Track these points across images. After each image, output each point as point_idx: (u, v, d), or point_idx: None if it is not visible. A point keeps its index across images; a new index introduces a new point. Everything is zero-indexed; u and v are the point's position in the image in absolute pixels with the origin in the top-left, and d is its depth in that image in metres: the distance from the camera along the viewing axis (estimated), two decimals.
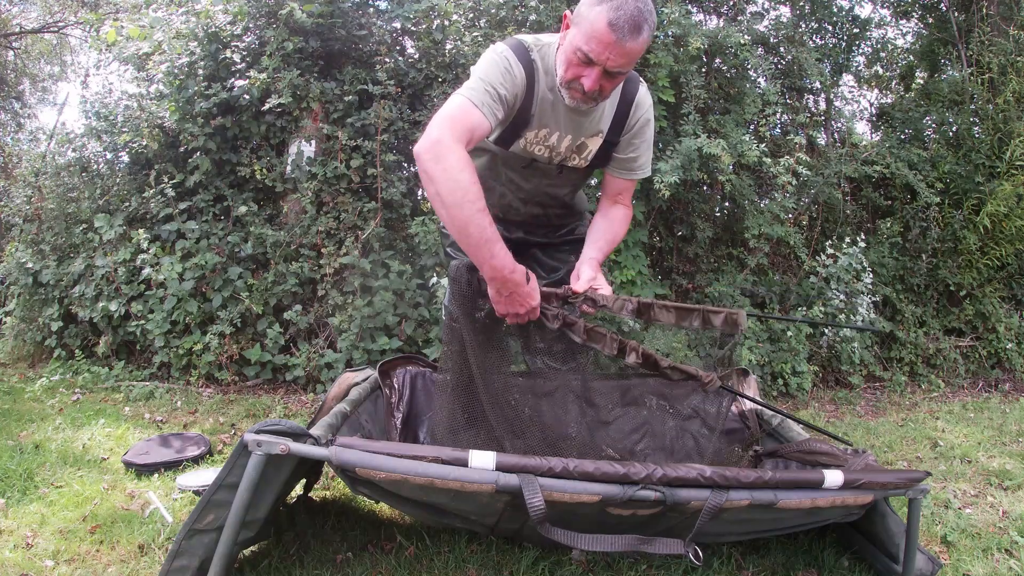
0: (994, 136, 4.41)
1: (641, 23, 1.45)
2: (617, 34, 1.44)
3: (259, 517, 1.39)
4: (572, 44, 1.52)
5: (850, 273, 3.81)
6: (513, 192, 1.91)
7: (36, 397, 3.14)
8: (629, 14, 1.43)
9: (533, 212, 2.00)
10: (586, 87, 1.53)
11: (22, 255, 3.85)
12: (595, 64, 1.49)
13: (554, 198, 1.95)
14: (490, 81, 1.57)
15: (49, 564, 1.56)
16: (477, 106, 1.53)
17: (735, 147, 3.29)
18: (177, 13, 3.73)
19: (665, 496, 1.25)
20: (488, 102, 1.55)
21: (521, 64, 1.62)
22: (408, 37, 4.00)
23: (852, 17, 4.68)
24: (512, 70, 1.61)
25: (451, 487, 1.23)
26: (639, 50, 1.50)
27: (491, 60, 1.62)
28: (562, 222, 2.07)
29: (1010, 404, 3.78)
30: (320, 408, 1.80)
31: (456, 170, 1.42)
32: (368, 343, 3.26)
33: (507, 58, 1.61)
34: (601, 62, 1.49)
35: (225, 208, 3.64)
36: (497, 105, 1.57)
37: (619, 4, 1.43)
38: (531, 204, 1.96)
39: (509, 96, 1.61)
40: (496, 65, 1.60)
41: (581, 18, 1.50)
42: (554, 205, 1.98)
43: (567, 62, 1.55)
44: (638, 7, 1.45)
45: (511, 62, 1.61)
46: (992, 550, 1.80)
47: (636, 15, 1.44)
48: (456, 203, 1.42)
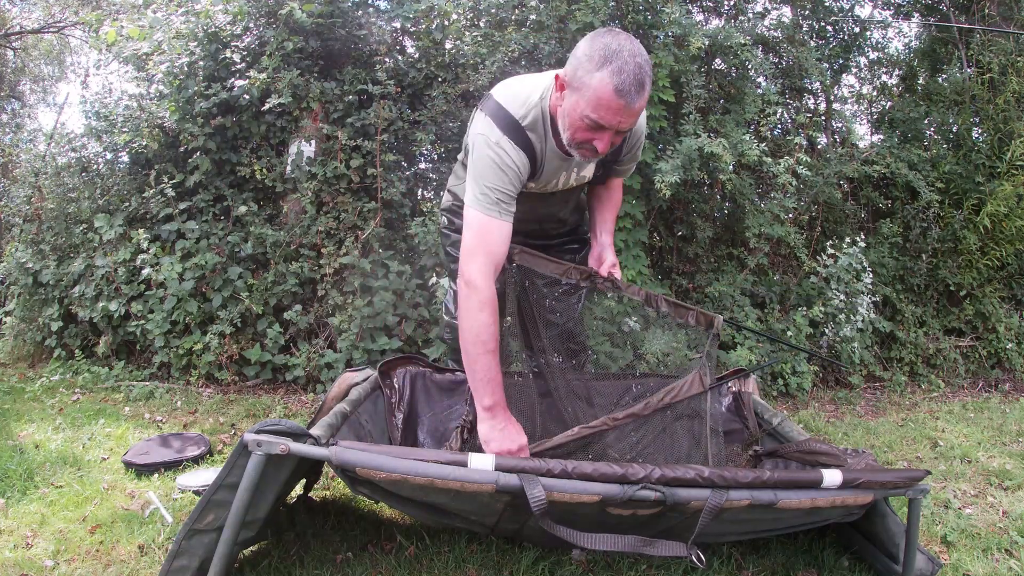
0: (994, 136, 4.41)
1: (644, 79, 1.43)
2: (625, 99, 1.42)
3: (259, 517, 1.39)
4: (577, 111, 1.48)
5: (850, 273, 3.81)
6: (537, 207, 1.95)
7: (36, 397, 3.14)
8: (632, 75, 1.41)
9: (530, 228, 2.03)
10: (600, 150, 1.52)
11: (22, 255, 3.86)
12: (606, 129, 1.48)
13: (550, 216, 1.98)
14: (497, 185, 1.60)
15: (49, 564, 1.56)
16: (494, 217, 1.60)
17: (735, 147, 3.29)
18: (177, 13, 3.72)
19: (665, 496, 1.25)
20: (501, 208, 1.61)
21: (522, 151, 1.62)
22: (408, 37, 4.00)
23: (853, 17, 4.68)
24: (516, 167, 1.61)
25: (451, 487, 1.23)
26: (643, 107, 1.49)
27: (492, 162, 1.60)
28: (559, 232, 2.09)
29: (1010, 404, 3.78)
30: (320, 408, 1.80)
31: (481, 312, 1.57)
32: (368, 343, 3.26)
33: (509, 155, 1.60)
34: (611, 126, 1.47)
35: (225, 208, 3.64)
36: (508, 203, 1.63)
37: (619, 67, 1.40)
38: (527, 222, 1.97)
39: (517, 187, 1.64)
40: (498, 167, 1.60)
41: (581, 84, 1.46)
42: (551, 221, 2.01)
43: (574, 127, 1.52)
44: (637, 63, 1.42)
45: (512, 157, 1.60)
46: (992, 550, 1.80)
47: (638, 73, 1.41)
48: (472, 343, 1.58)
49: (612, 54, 1.41)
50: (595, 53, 1.42)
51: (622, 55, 1.40)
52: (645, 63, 1.43)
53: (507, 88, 1.66)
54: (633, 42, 1.45)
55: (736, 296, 3.68)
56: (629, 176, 2.97)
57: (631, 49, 1.42)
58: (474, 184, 1.63)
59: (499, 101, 1.63)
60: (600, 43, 1.44)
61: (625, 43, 1.43)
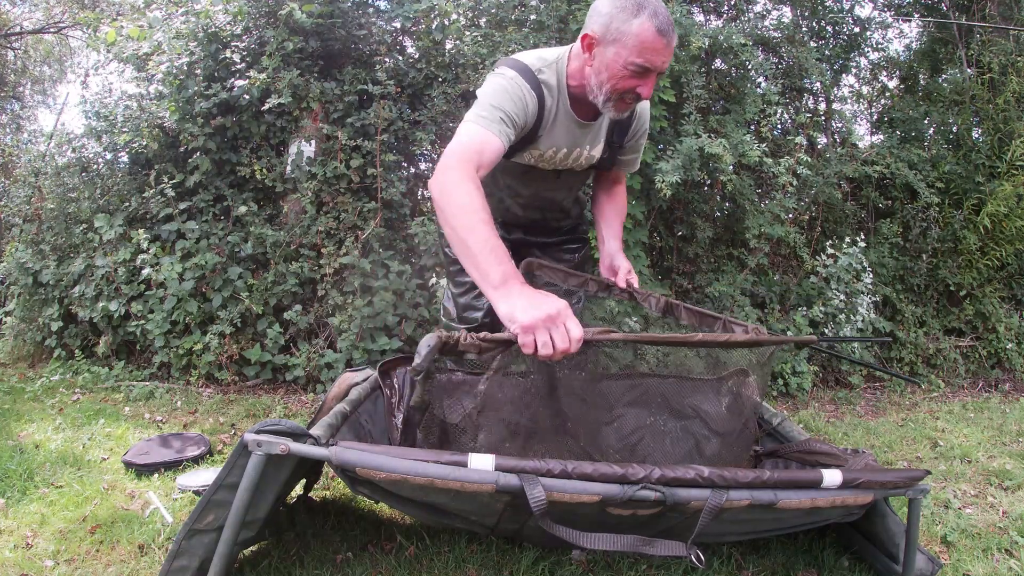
0: (994, 136, 4.41)
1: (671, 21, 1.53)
2: (666, 38, 1.50)
3: (259, 517, 1.39)
4: (620, 60, 1.52)
5: (850, 273, 3.81)
6: (512, 198, 1.94)
7: (36, 397, 3.14)
8: (665, 16, 1.51)
9: (532, 217, 2.03)
10: (644, 95, 1.57)
11: (22, 255, 3.85)
12: (651, 72, 1.54)
13: (553, 203, 1.98)
14: (500, 105, 1.55)
15: (49, 564, 1.56)
16: (487, 129, 1.51)
17: (736, 147, 3.29)
18: (177, 13, 3.72)
19: (665, 496, 1.25)
20: (499, 124, 1.53)
21: (532, 89, 1.61)
22: (408, 37, 4.00)
23: (853, 18, 4.67)
24: (524, 97, 1.60)
25: (451, 487, 1.23)
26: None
27: (500, 85, 1.59)
28: (560, 224, 2.09)
29: (1010, 404, 3.78)
30: (320, 408, 1.80)
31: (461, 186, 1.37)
32: (368, 343, 3.26)
33: (518, 84, 1.59)
34: (657, 68, 1.54)
35: (225, 208, 3.64)
36: (508, 127, 1.55)
37: (654, 10, 1.49)
38: (530, 209, 1.98)
39: (520, 120, 1.59)
40: (506, 90, 1.58)
41: (620, 34, 1.51)
42: (553, 209, 2.01)
43: (615, 77, 1.54)
44: (663, 6, 1.52)
45: (523, 89, 1.60)
46: (992, 550, 1.80)
47: (667, 15, 1.52)
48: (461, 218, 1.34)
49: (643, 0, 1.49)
50: (627, 3, 1.49)
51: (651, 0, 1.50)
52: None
53: (521, 53, 1.71)
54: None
55: (736, 296, 3.68)
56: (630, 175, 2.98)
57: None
58: (476, 105, 1.56)
59: (513, 56, 1.68)
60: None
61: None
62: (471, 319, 2.15)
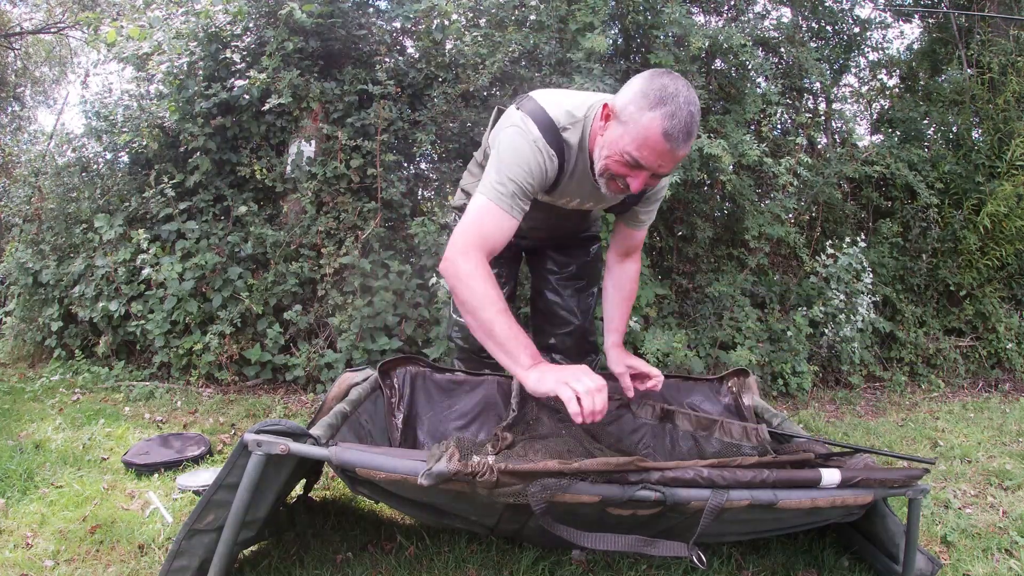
0: (994, 136, 4.41)
1: (693, 128, 1.40)
2: (672, 144, 1.39)
3: (259, 517, 1.39)
4: (619, 145, 1.45)
5: (850, 273, 3.81)
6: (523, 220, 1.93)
7: (36, 397, 3.14)
8: (684, 122, 1.38)
9: (538, 236, 2.04)
10: (632, 189, 1.49)
11: (22, 255, 3.85)
12: (644, 169, 1.45)
13: (562, 227, 1.98)
14: (516, 177, 1.53)
15: (49, 564, 1.56)
16: (501, 208, 1.53)
17: (736, 147, 3.29)
18: (177, 13, 3.72)
19: (665, 496, 1.25)
20: (514, 202, 1.54)
21: (554, 151, 1.57)
22: (408, 37, 4.00)
23: (853, 18, 4.68)
24: (543, 164, 1.56)
25: (452, 487, 1.23)
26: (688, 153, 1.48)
27: (521, 151, 1.55)
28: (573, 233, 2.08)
29: (1010, 404, 3.78)
30: (320, 408, 1.80)
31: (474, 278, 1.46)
32: (368, 343, 3.26)
33: (539, 149, 1.55)
34: (651, 167, 1.44)
35: (225, 208, 3.64)
36: (523, 200, 1.56)
37: (674, 111, 1.37)
38: (538, 230, 1.98)
39: (536, 187, 1.58)
40: (525, 159, 1.54)
41: (630, 119, 1.43)
42: (560, 229, 2.01)
43: (611, 159, 1.48)
44: (691, 112, 1.39)
45: (543, 155, 1.55)
46: (992, 550, 1.80)
47: (689, 121, 1.39)
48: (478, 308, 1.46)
49: (668, 97, 1.38)
50: (652, 92, 1.40)
51: (678, 100, 1.38)
52: (697, 113, 1.41)
53: (551, 95, 1.63)
54: (690, 90, 1.42)
55: (736, 296, 3.68)
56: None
57: (687, 96, 1.39)
58: (494, 172, 1.56)
59: (541, 103, 1.60)
60: (659, 83, 1.41)
61: (683, 89, 1.41)
62: None
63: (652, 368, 1.85)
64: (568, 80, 3.34)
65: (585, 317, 2.17)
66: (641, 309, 3.48)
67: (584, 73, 3.19)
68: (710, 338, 3.60)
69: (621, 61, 3.88)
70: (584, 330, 2.17)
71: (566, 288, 2.13)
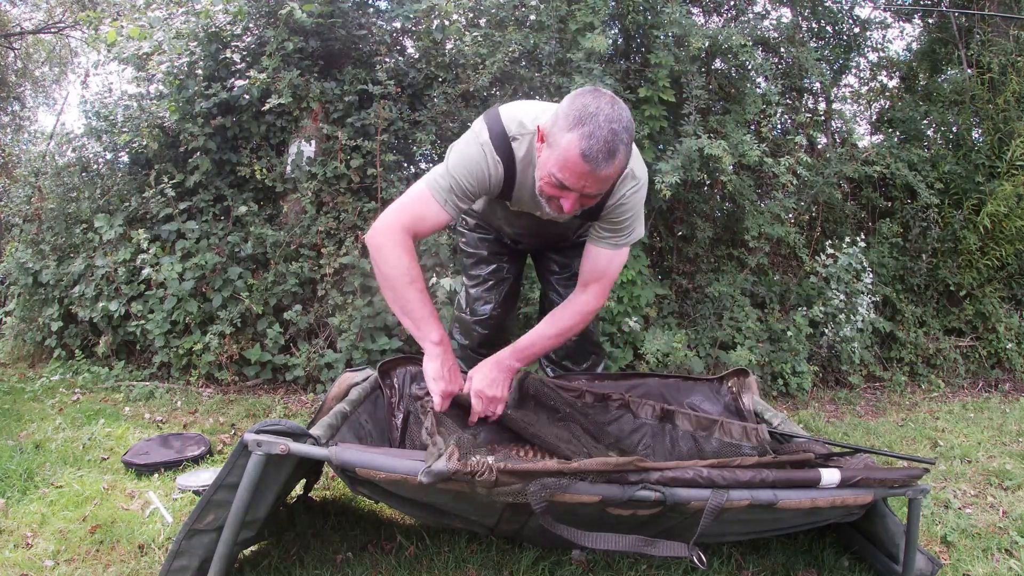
0: (994, 136, 4.41)
1: (616, 146, 1.37)
2: (591, 164, 1.37)
3: (259, 517, 1.39)
4: (547, 167, 1.45)
5: (850, 273, 3.81)
6: (510, 227, 1.96)
7: (36, 397, 3.14)
8: (602, 141, 1.35)
9: (532, 242, 2.06)
10: (565, 209, 1.48)
11: (22, 255, 3.85)
12: (571, 190, 1.44)
13: (550, 232, 1.97)
14: (458, 176, 1.59)
15: (49, 564, 1.56)
16: (436, 199, 1.59)
17: (736, 147, 3.29)
18: (177, 13, 3.72)
19: (665, 496, 1.25)
20: (449, 196, 1.60)
21: (500, 160, 1.59)
22: (408, 37, 4.00)
23: (853, 18, 4.68)
24: (486, 171, 1.59)
25: (452, 487, 1.23)
26: (617, 171, 1.43)
27: (468, 154, 1.59)
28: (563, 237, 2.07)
29: (1010, 404, 3.78)
30: (320, 408, 1.80)
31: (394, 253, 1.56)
32: (368, 343, 3.26)
33: (484, 155, 1.58)
34: (577, 189, 1.43)
35: (225, 208, 3.64)
36: (459, 199, 1.61)
37: (591, 131, 1.35)
38: (528, 237, 2.01)
39: (475, 191, 1.62)
40: (470, 162, 1.59)
41: (554, 140, 1.42)
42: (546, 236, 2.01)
43: (543, 180, 1.48)
44: (612, 129, 1.36)
45: (487, 160, 1.58)
46: (992, 550, 1.80)
47: (610, 140, 1.36)
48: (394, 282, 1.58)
49: (588, 117, 1.36)
50: (572, 112, 1.39)
51: (597, 119, 1.36)
52: (623, 130, 1.38)
53: (514, 107, 1.65)
54: (615, 105, 1.40)
55: (736, 296, 3.68)
56: None
57: (608, 114, 1.37)
58: (440, 167, 1.63)
59: (500, 113, 1.62)
60: (580, 103, 1.40)
61: (604, 106, 1.38)
62: (480, 312, 2.19)
63: (476, 406, 1.75)
64: (568, 80, 3.34)
65: None
66: (641, 309, 3.48)
67: (584, 73, 3.19)
68: (710, 338, 3.60)
69: (621, 61, 3.88)
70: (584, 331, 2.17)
71: (567, 289, 2.13)
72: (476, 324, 2.20)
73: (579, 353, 2.22)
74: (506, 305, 2.19)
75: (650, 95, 3.33)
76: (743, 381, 2.12)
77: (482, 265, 2.17)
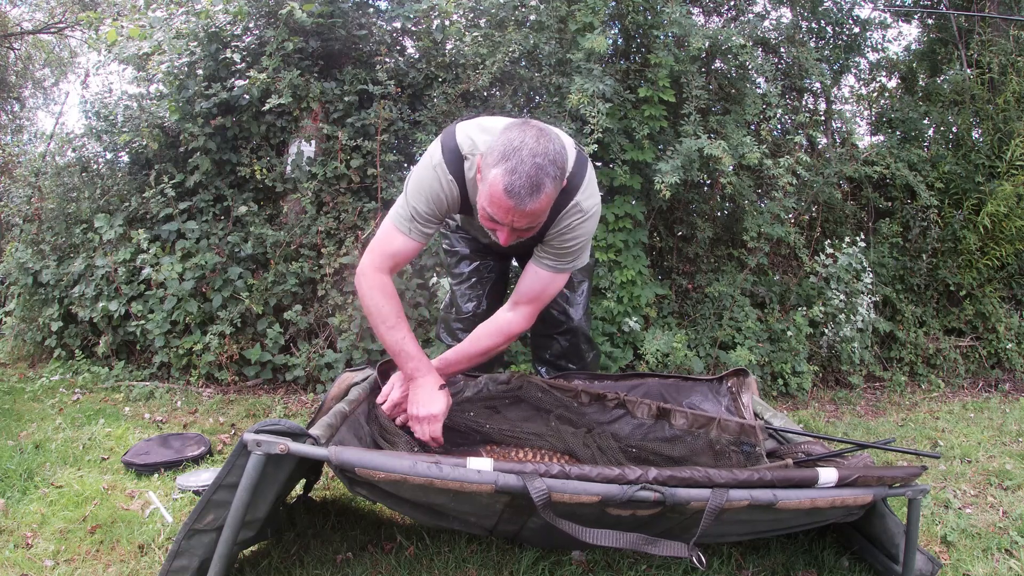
0: (994, 136, 4.41)
1: (540, 180, 1.37)
2: (514, 200, 1.38)
3: (259, 517, 1.39)
4: (480, 200, 1.48)
5: (850, 273, 3.81)
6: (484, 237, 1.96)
7: (36, 397, 3.14)
8: (524, 176, 1.36)
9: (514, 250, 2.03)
10: (501, 242, 1.50)
11: (22, 255, 3.85)
12: (501, 224, 1.45)
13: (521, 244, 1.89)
14: (415, 203, 1.65)
15: (49, 564, 1.56)
16: (402, 231, 1.67)
17: (736, 148, 3.29)
18: (177, 13, 3.72)
19: (664, 496, 1.25)
20: (412, 225, 1.66)
21: (454, 179, 1.62)
22: (408, 37, 4.00)
23: (853, 18, 4.67)
24: (440, 192, 1.63)
25: (451, 487, 1.23)
26: (542, 208, 1.43)
27: (421, 177, 1.64)
28: None
29: (1010, 404, 3.78)
30: (320, 408, 1.80)
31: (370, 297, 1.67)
32: (368, 343, 3.26)
33: (438, 175, 1.61)
34: (506, 224, 1.44)
35: (225, 208, 3.64)
36: (423, 223, 1.67)
37: (514, 166, 1.36)
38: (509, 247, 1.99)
39: (436, 211, 1.66)
40: (423, 185, 1.63)
41: (484, 175, 1.44)
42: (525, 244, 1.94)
43: (479, 213, 1.51)
44: (535, 164, 1.36)
45: (442, 180, 1.62)
46: (992, 550, 1.80)
47: (532, 175, 1.36)
48: (374, 323, 1.70)
49: (511, 152, 1.37)
50: (498, 147, 1.40)
51: (520, 154, 1.37)
52: (548, 163, 1.38)
53: (470, 125, 1.65)
54: (542, 139, 1.40)
55: (736, 296, 3.68)
56: (629, 175, 2.96)
57: (533, 148, 1.37)
58: (401, 196, 1.71)
59: (456, 131, 1.63)
60: (505, 137, 1.41)
61: (529, 140, 1.38)
62: (463, 310, 2.20)
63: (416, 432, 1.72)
64: (568, 80, 3.34)
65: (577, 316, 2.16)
66: (641, 309, 3.48)
67: (584, 73, 3.19)
68: (710, 338, 3.60)
69: (621, 61, 3.88)
70: (574, 330, 2.16)
71: None
72: (458, 322, 2.21)
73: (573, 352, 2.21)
74: (491, 303, 2.18)
75: (650, 95, 3.33)
76: (743, 381, 2.12)
77: (464, 263, 2.18)
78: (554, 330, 2.17)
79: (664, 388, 2.16)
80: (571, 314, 2.15)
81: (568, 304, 2.14)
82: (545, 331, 2.19)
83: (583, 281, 2.17)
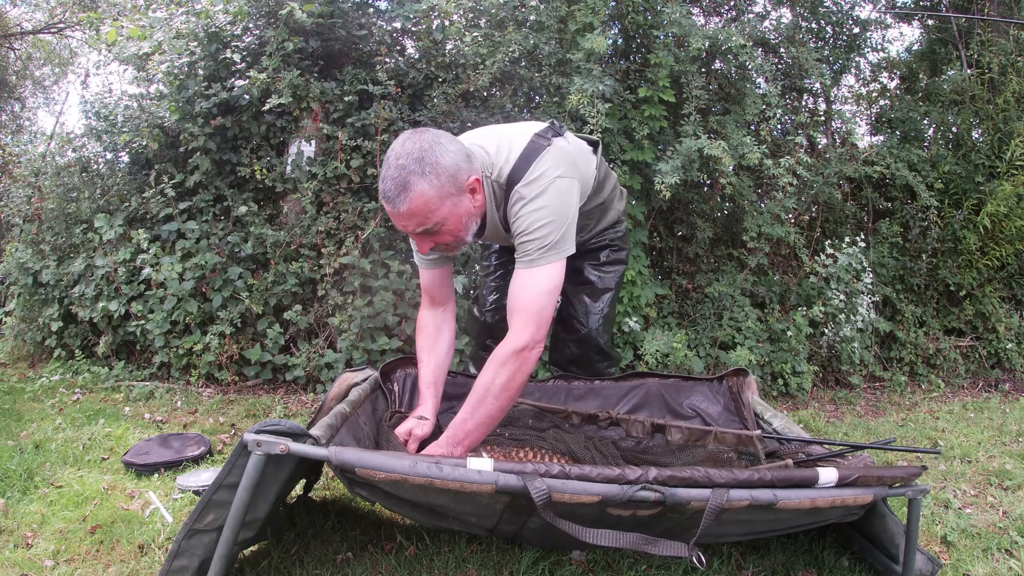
0: (994, 136, 4.41)
1: (405, 179, 1.41)
2: (390, 204, 1.44)
3: (259, 517, 1.39)
4: None
5: (850, 273, 3.81)
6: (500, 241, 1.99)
7: (36, 397, 3.14)
8: (390, 180, 1.41)
9: None
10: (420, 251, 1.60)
11: (22, 255, 3.85)
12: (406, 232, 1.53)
13: None
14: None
15: (49, 564, 1.56)
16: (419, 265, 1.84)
17: (736, 148, 3.29)
18: (177, 13, 3.72)
19: (664, 496, 1.25)
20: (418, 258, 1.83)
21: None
22: (408, 37, 4.00)
23: (853, 18, 4.67)
24: None
25: (451, 487, 1.23)
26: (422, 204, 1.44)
27: None
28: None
29: (1010, 404, 3.78)
30: (320, 408, 1.80)
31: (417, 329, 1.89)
32: (368, 343, 3.26)
33: None
34: (403, 230, 1.51)
35: (225, 208, 3.64)
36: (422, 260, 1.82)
37: (384, 174, 1.43)
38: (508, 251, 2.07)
39: None
40: None
41: None
42: None
43: None
44: (399, 165, 1.40)
45: None
46: (992, 550, 1.80)
47: (397, 176, 1.40)
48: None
49: (385, 160, 1.44)
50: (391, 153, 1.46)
51: (388, 161, 1.43)
52: (413, 162, 1.41)
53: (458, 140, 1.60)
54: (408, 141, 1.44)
55: (736, 296, 3.68)
56: (628, 175, 2.96)
57: (397, 151, 1.42)
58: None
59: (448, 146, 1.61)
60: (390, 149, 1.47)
61: (396, 146, 1.44)
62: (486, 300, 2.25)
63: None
64: (568, 80, 3.34)
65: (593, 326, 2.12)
66: (641, 309, 3.48)
67: (584, 73, 3.19)
68: (710, 338, 3.60)
69: (621, 61, 3.88)
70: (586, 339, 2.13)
71: (577, 294, 2.12)
72: (480, 314, 2.24)
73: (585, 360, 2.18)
74: None
75: (650, 95, 3.33)
76: (742, 381, 2.12)
77: (494, 255, 2.24)
78: (569, 335, 2.17)
79: (664, 388, 2.16)
80: (587, 322, 2.11)
81: (587, 311, 2.11)
82: (562, 334, 2.19)
83: (607, 291, 2.11)
